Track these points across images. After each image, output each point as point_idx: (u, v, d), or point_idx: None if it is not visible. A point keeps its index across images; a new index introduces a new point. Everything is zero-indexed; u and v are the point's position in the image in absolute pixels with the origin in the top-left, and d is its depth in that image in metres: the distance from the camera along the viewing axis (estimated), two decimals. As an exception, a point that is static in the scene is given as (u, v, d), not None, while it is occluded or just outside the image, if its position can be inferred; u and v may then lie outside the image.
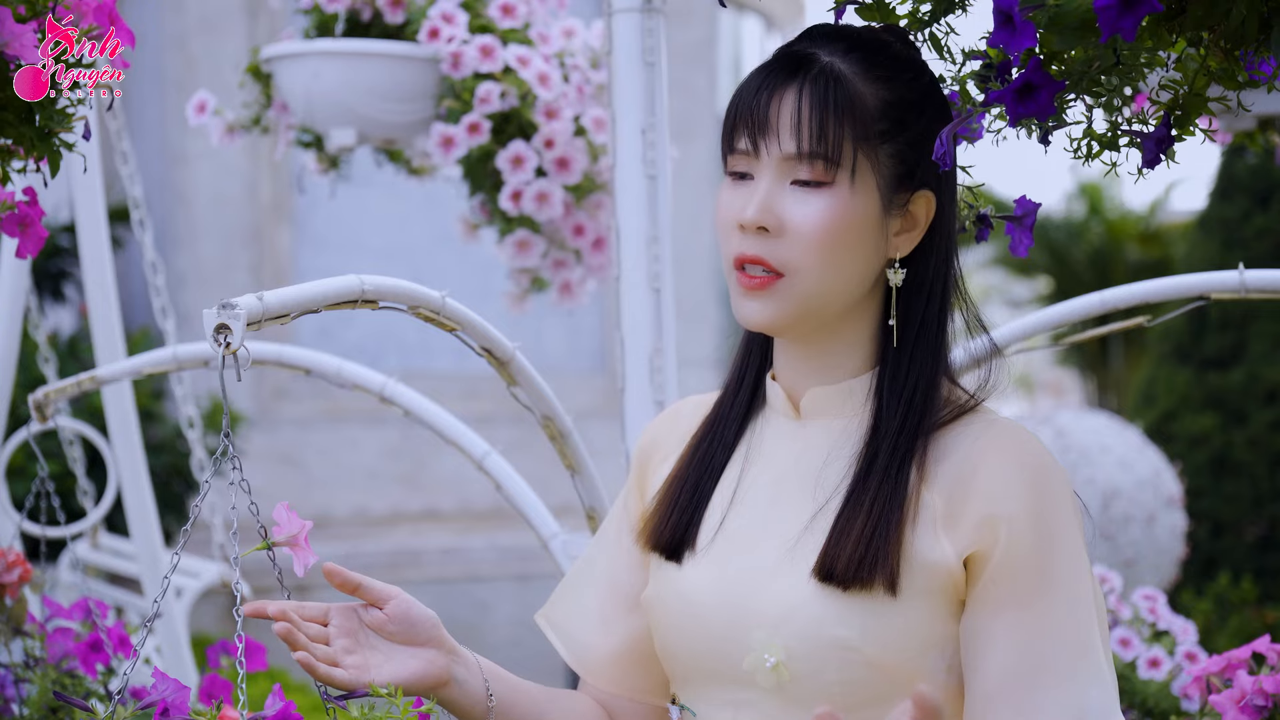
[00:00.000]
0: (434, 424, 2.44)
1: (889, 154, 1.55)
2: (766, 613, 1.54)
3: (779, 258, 1.54)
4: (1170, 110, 1.55)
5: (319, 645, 1.56)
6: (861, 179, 1.54)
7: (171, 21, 7.55)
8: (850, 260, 1.55)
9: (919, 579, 1.51)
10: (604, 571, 1.76)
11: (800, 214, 1.54)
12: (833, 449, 1.59)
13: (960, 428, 1.56)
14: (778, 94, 1.55)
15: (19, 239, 1.85)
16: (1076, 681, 1.49)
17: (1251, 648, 2.05)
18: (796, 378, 1.63)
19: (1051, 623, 1.50)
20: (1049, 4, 1.39)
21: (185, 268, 7.59)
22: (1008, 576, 1.50)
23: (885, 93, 1.55)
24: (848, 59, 1.55)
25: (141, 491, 3.46)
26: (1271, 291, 2.33)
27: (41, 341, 3.97)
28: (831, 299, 1.56)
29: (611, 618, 1.73)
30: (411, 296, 1.91)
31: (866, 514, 1.51)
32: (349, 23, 3.15)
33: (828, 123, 1.52)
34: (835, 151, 1.53)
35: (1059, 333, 2.78)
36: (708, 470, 1.66)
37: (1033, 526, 1.50)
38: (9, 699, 2.21)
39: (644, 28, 2.31)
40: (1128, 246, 13.83)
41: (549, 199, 3.10)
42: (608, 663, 1.73)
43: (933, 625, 1.52)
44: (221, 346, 1.51)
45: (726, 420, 1.68)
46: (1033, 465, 1.52)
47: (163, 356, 2.65)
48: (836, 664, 1.50)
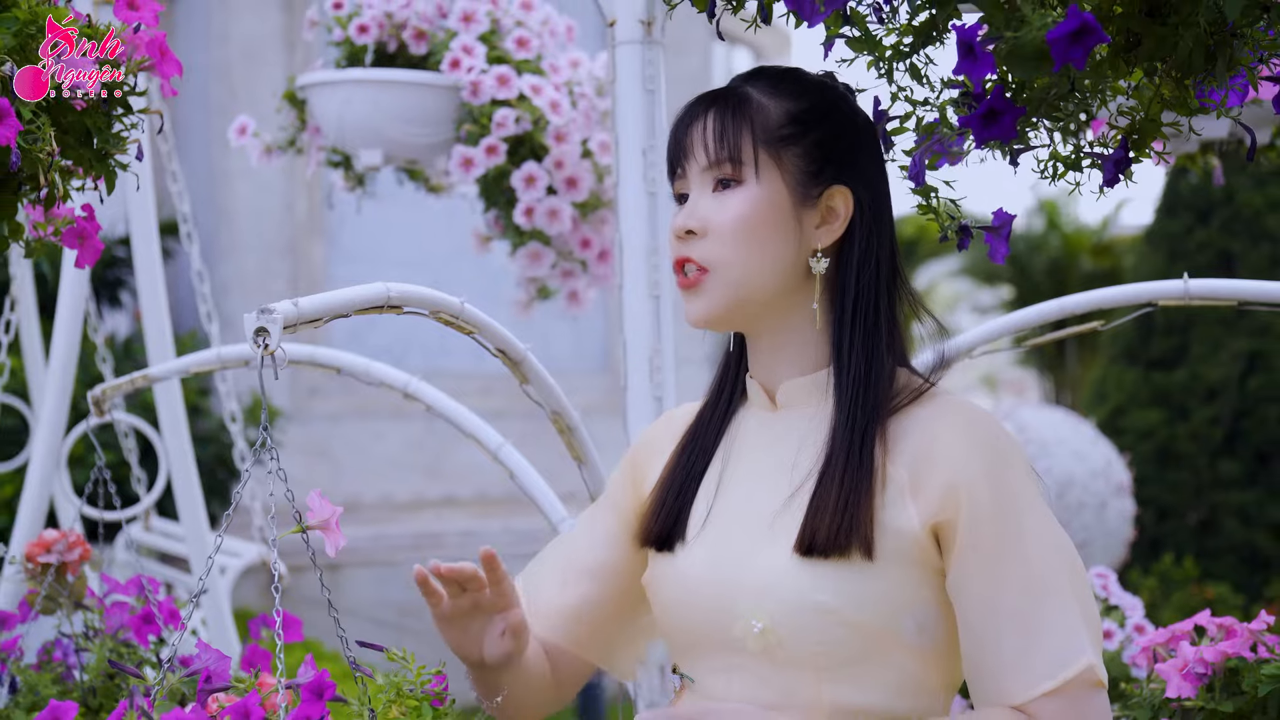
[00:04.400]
0: (453, 418, 2.43)
1: (795, 154, 1.59)
2: (752, 585, 1.55)
3: (703, 254, 1.59)
4: (1128, 134, 1.55)
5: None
6: (767, 175, 1.58)
7: (216, 53, 7.55)
8: (768, 248, 1.58)
9: (890, 545, 1.51)
10: (575, 547, 1.80)
11: (717, 212, 1.59)
12: (805, 436, 1.60)
13: (918, 409, 1.57)
14: (694, 121, 1.62)
15: (78, 250, 1.84)
16: (1046, 623, 1.49)
17: (1193, 621, 2.05)
18: (769, 373, 1.65)
19: (1018, 573, 1.50)
20: (1007, 36, 1.39)
21: (228, 277, 7.59)
22: (975, 537, 1.50)
23: (789, 104, 1.60)
24: (755, 84, 1.63)
25: (189, 479, 3.45)
26: (1212, 299, 2.32)
27: (99, 343, 3.97)
28: (758, 286, 1.59)
29: (570, 581, 1.77)
30: (432, 302, 1.91)
31: (839, 488, 1.52)
32: (377, 53, 3.15)
33: (728, 128, 1.59)
34: (737, 151, 1.58)
35: (1020, 336, 2.77)
36: (690, 474, 1.68)
37: (989, 488, 1.51)
38: (71, 666, 2.21)
39: (644, 58, 2.31)
40: (1082, 258, 13.82)
41: (559, 215, 3.10)
42: (554, 614, 1.76)
43: (904, 589, 1.52)
44: (261, 348, 1.51)
45: (707, 427, 1.70)
46: (983, 434, 1.54)
47: (208, 357, 2.65)
48: (818, 627, 1.51)
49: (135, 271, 3.32)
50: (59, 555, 2.40)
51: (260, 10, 7.59)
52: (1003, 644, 1.50)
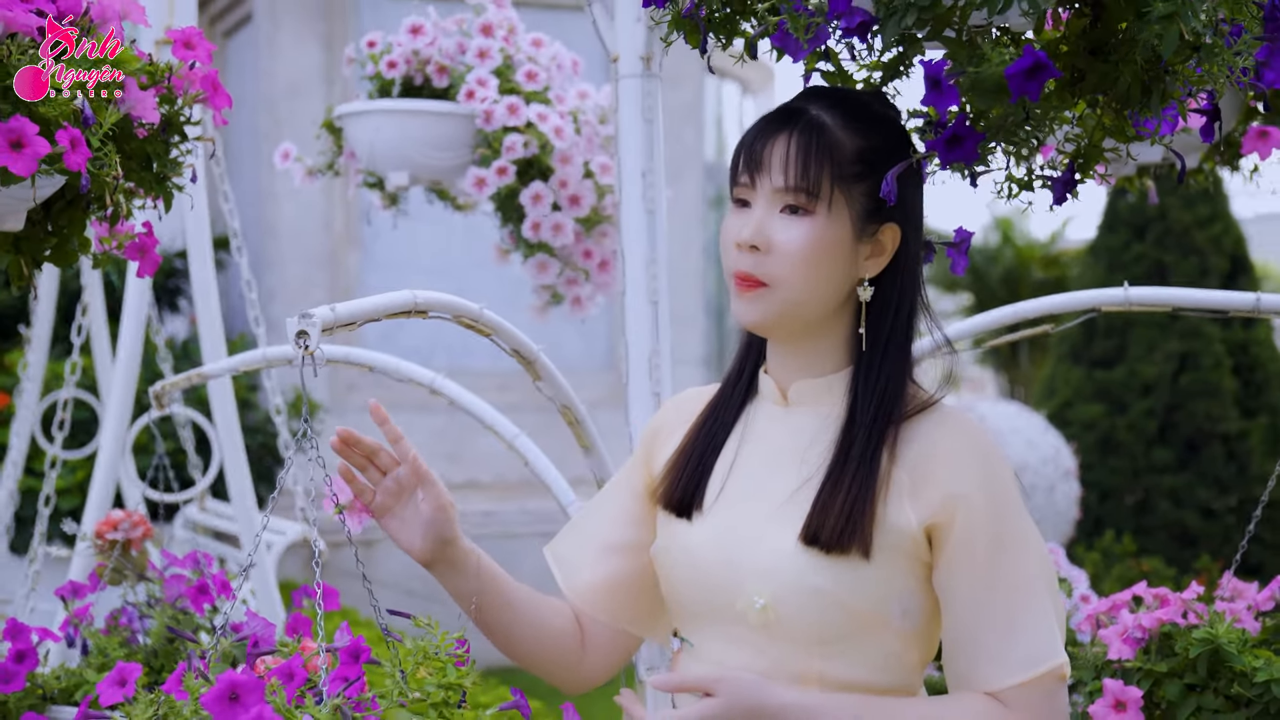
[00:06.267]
0: (474, 411, 2.43)
1: (861, 192, 1.54)
2: (757, 566, 1.53)
3: (765, 271, 1.54)
4: (1074, 159, 1.55)
5: (374, 469, 1.61)
6: (836, 210, 1.53)
7: (263, 87, 7.54)
8: (824, 276, 1.54)
9: (887, 540, 1.50)
10: (602, 521, 1.75)
11: (785, 236, 1.53)
12: (816, 432, 1.57)
13: (923, 419, 1.55)
14: (772, 139, 1.54)
15: (140, 262, 1.85)
16: (1025, 622, 1.49)
17: (1131, 592, 2.05)
18: (785, 372, 1.62)
19: (1003, 577, 1.50)
20: (969, 71, 1.39)
21: (274, 285, 7.58)
22: (966, 543, 1.50)
23: (861, 141, 1.54)
24: (832, 112, 1.54)
25: (239, 465, 3.45)
26: (1149, 305, 2.32)
27: (160, 344, 3.97)
28: (808, 306, 1.55)
29: (600, 557, 1.72)
30: (454, 308, 1.90)
31: (846, 491, 1.50)
32: (404, 86, 3.15)
33: (810, 162, 1.52)
34: (815, 186, 1.52)
35: (979, 338, 2.77)
36: (710, 444, 1.64)
37: (984, 501, 1.50)
38: (135, 631, 2.22)
39: (644, 90, 2.31)
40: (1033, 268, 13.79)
41: (563, 228, 3.10)
42: (589, 589, 1.72)
43: (894, 579, 1.51)
44: (302, 348, 1.51)
45: (727, 404, 1.66)
46: (981, 451, 1.52)
47: (255, 356, 2.65)
48: (814, 607, 1.50)
49: (191, 281, 3.31)
50: (124, 533, 2.40)
51: (302, 49, 7.58)
52: (985, 638, 1.49)
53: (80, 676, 2.14)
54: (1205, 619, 1.95)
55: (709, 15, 1.53)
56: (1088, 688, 1.99)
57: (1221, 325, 7.84)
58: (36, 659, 2.05)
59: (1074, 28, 1.46)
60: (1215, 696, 1.86)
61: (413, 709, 1.42)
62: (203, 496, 4.78)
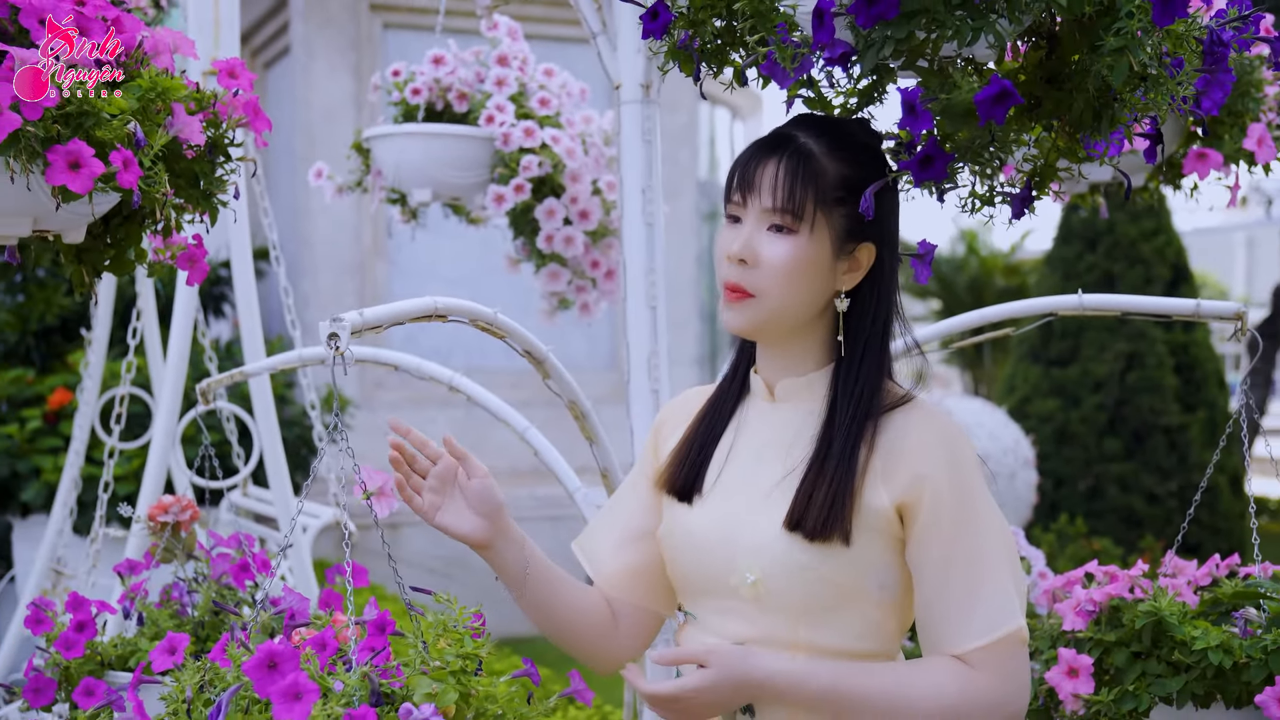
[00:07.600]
0: (489, 406, 2.43)
1: (842, 214, 1.54)
2: (748, 545, 1.54)
3: (751, 283, 1.55)
4: (1031, 177, 1.55)
5: (417, 477, 1.61)
6: (818, 231, 1.53)
7: (300, 112, 7.54)
8: (805, 289, 1.54)
9: (865, 521, 1.51)
10: (622, 513, 1.75)
11: (770, 252, 1.54)
12: (801, 427, 1.58)
13: (899, 413, 1.55)
14: (763, 162, 1.55)
15: (189, 271, 1.85)
16: (985, 592, 1.50)
17: (1084, 570, 2.05)
18: (771, 371, 1.63)
19: (965, 550, 1.50)
20: (941, 97, 1.39)
21: (308, 292, 7.57)
22: (933, 520, 1.50)
23: (844, 169, 1.54)
24: (819, 140, 1.55)
25: (277, 455, 3.45)
26: (1101, 310, 2.32)
27: (206, 345, 3.97)
28: (789, 315, 1.56)
29: (624, 544, 1.72)
30: (471, 312, 1.90)
31: (828, 484, 1.51)
32: (427, 111, 3.15)
33: (795, 187, 1.52)
34: (799, 209, 1.52)
35: (947, 340, 2.77)
36: (710, 436, 1.65)
37: (949, 482, 1.50)
38: (184, 604, 2.21)
39: (643, 114, 2.31)
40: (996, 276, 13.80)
41: (573, 241, 3.10)
42: (616, 574, 1.72)
43: (872, 556, 1.52)
44: (333, 349, 1.50)
45: (724, 400, 1.68)
46: (948, 438, 1.53)
47: (291, 357, 2.64)
48: (800, 582, 1.51)
49: (234, 288, 3.31)
50: (174, 516, 2.40)
51: (335, 78, 7.58)
52: (950, 605, 1.50)
53: (135, 645, 2.14)
54: (1150, 593, 1.95)
55: (702, 46, 1.53)
56: (1044, 656, 1.99)
57: (1164, 328, 7.85)
58: (95, 629, 2.06)
59: (1031, 59, 1.46)
60: (1158, 663, 1.86)
61: (434, 676, 1.42)
62: (245, 483, 4.77)
